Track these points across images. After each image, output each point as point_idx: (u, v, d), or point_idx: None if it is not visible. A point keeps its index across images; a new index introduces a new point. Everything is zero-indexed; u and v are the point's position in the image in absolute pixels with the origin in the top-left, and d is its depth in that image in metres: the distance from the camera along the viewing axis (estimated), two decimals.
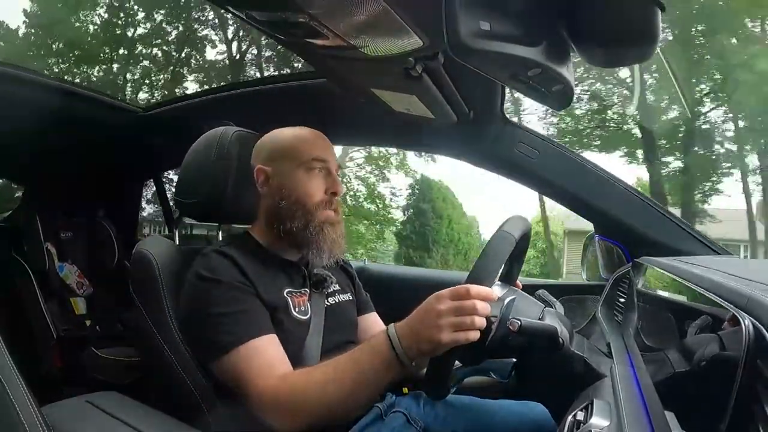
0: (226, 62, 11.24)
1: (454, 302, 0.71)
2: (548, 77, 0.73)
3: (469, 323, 0.70)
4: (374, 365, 0.75)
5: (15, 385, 0.52)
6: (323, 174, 0.96)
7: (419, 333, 0.73)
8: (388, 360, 0.74)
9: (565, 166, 1.33)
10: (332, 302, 1.00)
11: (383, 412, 0.90)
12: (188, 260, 0.96)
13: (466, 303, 0.70)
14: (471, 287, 0.71)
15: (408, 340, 0.74)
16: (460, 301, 0.71)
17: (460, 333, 0.70)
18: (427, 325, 0.72)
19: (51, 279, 1.83)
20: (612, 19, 0.63)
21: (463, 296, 0.71)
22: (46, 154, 1.77)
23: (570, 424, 0.60)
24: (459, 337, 0.70)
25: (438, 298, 0.73)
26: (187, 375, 0.86)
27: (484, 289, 0.72)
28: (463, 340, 0.70)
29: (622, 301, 1.08)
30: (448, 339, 0.70)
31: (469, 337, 0.70)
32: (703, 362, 0.56)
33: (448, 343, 0.70)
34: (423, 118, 1.26)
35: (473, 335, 0.70)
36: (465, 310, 0.70)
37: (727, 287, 0.58)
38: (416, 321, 0.74)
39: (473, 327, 0.70)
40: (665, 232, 1.27)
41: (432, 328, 0.71)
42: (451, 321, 0.70)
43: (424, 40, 0.80)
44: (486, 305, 0.71)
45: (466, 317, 0.70)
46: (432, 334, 0.71)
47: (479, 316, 0.70)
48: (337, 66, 1.02)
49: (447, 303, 0.71)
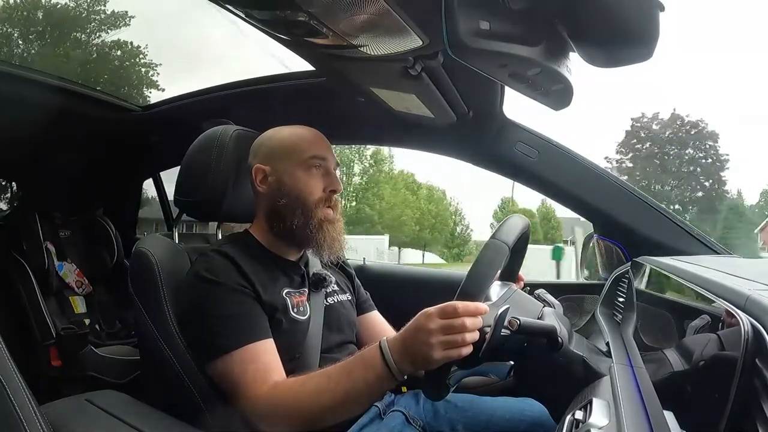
0: None
1: (444, 321, 0.70)
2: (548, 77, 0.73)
3: (460, 341, 0.70)
4: (367, 379, 0.76)
5: (14, 384, 0.52)
6: (322, 172, 0.96)
7: (411, 351, 0.73)
8: (381, 374, 0.75)
9: (565, 166, 1.33)
10: (331, 302, 1.00)
11: (382, 411, 0.90)
12: (187, 259, 0.96)
13: (456, 321, 0.70)
14: (459, 305, 0.70)
15: (400, 356, 0.74)
16: (449, 320, 0.70)
17: (452, 350, 0.70)
18: (419, 343, 0.72)
19: (50, 278, 1.82)
20: (612, 19, 0.63)
21: (452, 315, 0.70)
22: (46, 152, 1.77)
23: (569, 423, 0.60)
24: (451, 354, 0.70)
25: (427, 317, 0.72)
26: (186, 374, 0.86)
27: (473, 305, 0.71)
28: (456, 357, 0.70)
29: (621, 301, 1.08)
30: (439, 357, 0.70)
31: (462, 354, 0.70)
32: (701, 362, 0.56)
33: (440, 361, 0.71)
34: (422, 117, 1.26)
35: (466, 351, 0.70)
36: (455, 329, 0.70)
37: (726, 287, 0.58)
38: (408, 338, 0.74)
39: (465, 344, 0.70)
40: (665, 231, 1.28)
41: (424, 346, 0.71)
42: (441, 340, 0.70)
43: (423, 39, 0.80)
44: (477, 320, 0.71)
45: (457, 335, 0.70)
46: (424, 353, 0.71)
47: (470, 332, 0.70)
48: (337, 65, 1.02)
49: (436, 322, 0.71)
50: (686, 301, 0.73)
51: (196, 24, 21.77)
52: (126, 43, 14.47)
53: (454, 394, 0.93)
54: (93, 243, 2.00)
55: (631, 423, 0.55)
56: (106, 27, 13.94)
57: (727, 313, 0.51)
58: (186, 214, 1.07)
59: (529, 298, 0.88)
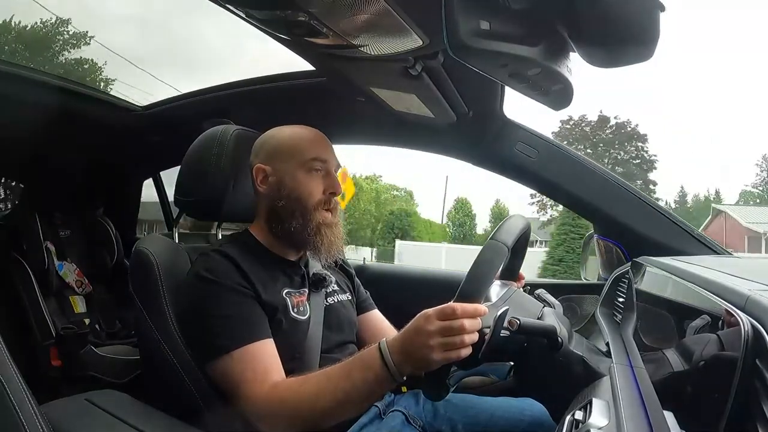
0: None
1: (443, 323, 0.70)
2: (548, 77, 0.73)
3: (459, 343, 0.70)
4: (367, 380, 0.76)
5: (14, 384, 0.52)
6: (322, 174, 0.96)
7: (410, 352, 0.73)
8: (381, 375, 0.75)
9: (565, 166, 1.33)
10: (331, 302, 1.00)
11: (382, 411, 0.90)
12: (188, 258, 0.96)
13: (455, 323, 0.70)
14: (458, 307, 0.70)
15: (399, 357, 0.74)
16: (448, 322, 0.70)
17: (451, 352, 0.70)
18: (418, 344, 0.72)
19: (50, 277, 1.82)
20: (612, 19, 0.63)
21: (451, 316, 0.70)
22: (46, 152, 1.76)
23: (569, 423, 0.60)
24: (450, 356, 0.70)
25: (426, 319, 0.72)
26: (186, 374, 0.86)
27: (472, 307, 0.71)
28: (455, 358, 0.71)
29: (621, 301, 1.08)
30: (439, 358, 0.70)
31: (461, 355, 0.70)
32: (701, 362, 0.56)
33: (439, 362, 0.71)
34: (422, 117, 1.26)
35: (465, 352, 0.70)
36: (453, 331, 0.70)
37: (726, 287, 0.58)
38: (407, 340, 0.74)
39: (464, 345, 0.70)
40: (665, 231, 1.27)
41: (423, 348, 0.71)
42: (440, 342, 0.70)
43: (423, 39, 0.80)
44: (476, 322, 0.71)
45: (456, 337, 0.70)
46: (423, 355, 0.71)
47: (469, 334, 0.70)
48: (337, 65, 1.02)
49: (435, 324, 0.71)
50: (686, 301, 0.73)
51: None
52: (87, 60, 15.94)
53: (454, 394, 0.94)
54: (93, 243, 2.01)
55: (631, 423, 0.55)
56: (68, 47, 15.62)
57: (727, 313, 0.51)
58: (186, 214, 1.07)
59: (529, 298, 0.88)
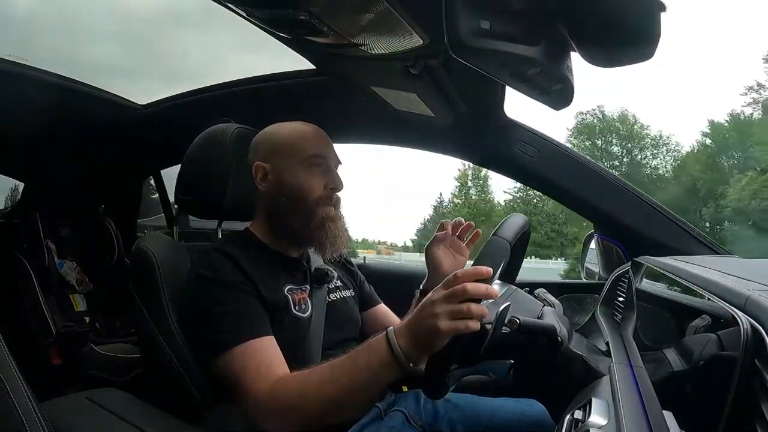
0: None
1: (446, 290, 0.70)
2: (548, 76, 0.73)
3: (465, 310, 0.68)
4: (372, 366, 0.75)
5: (14, 382, 0.52)
6: (323, 170, 0.96)
7: (417, 331, 0.72)
8: (387, 361, 0.74)
9: (566, 166, 1.33)
10: (334, 298, 1.00)
11: (382, 411, 0.90)
12: (188, 257, 0.96)
13: (457, 288, 0.69)
14: (459, 272, 0.70)
15: (406, 340, 0.73)
16: (451, 288, 0.70)
17: (458, 322, 0.69)
18: (424, 317, 0.71)
19: (50, 276, 1.82)
20: (613, 19, 0.63)
21: (453, 283, 0.70)
22: (46, 150, 1.77)
23: (568, 422, 0.60)
24: (458, 326, 0.68)
25: (432, 292, 0.72)
26: (186, 372, 0.86)
27: (472, 269, 0.71)
28: (463, 329, 0.68)
29: (621, 300, 1.08)
30: (446, 327, 0.69)
31: (469, 326, 0.68)
32: (701, 362, 0.56)
33: (446, 331, 0.69)
34: (423, 116, 1.26)
35: (473, 324, 0.69)
36: (456, 295, 0.69)
37: (726, 287, 0.58)
38: (412, 320, 0.74)
39: (470, 313, 0.68)
40: (665, 231, 1.28)
41: (429, 318, 0.70)
42: (446, 309, 0.69)
43: (424, 38, 0.80)
44: (478, 286, 0.69)
45: (462, 305, 0.69)
46: (429, 324, 0.70)
47: (473, 300, 0.69)
48: (338, 63, 1.02)
49: (440, 292, 0.71)
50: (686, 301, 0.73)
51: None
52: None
53: (454, 394, 0.94)
54: (93, 241, 2.01)
55: (631, 423, 0.55)
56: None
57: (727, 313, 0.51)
58: (187, 212, 1.07)
59: (529, 298, 0.88)
